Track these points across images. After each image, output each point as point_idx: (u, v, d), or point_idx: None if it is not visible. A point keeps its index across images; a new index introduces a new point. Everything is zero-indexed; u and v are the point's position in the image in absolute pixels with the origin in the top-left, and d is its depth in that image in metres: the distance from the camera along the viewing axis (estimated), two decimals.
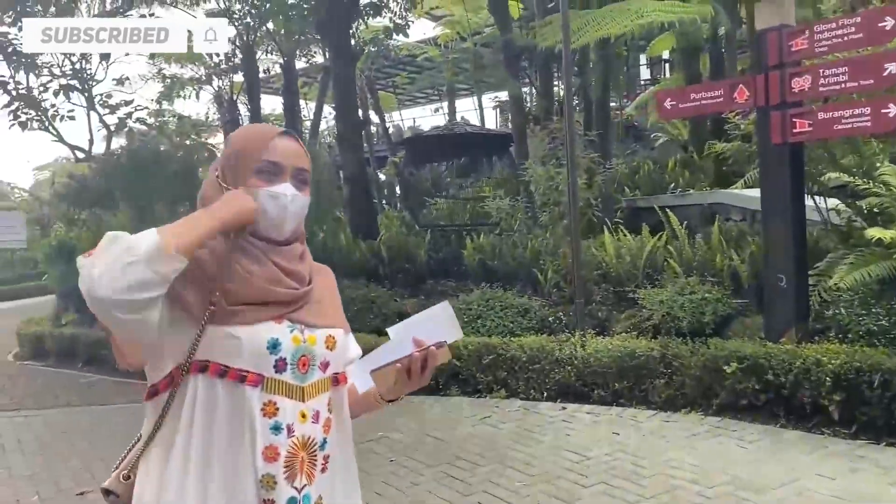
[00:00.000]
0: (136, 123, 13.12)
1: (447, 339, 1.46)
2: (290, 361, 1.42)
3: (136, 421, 5.29)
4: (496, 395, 6.33)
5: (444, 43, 23.10)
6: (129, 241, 1.27)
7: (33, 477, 5.30)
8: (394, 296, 8.62)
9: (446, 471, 4.67)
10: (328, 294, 1.57)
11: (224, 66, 17.49)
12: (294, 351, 1.42)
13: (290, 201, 1.46)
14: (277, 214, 1.45)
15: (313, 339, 1.46)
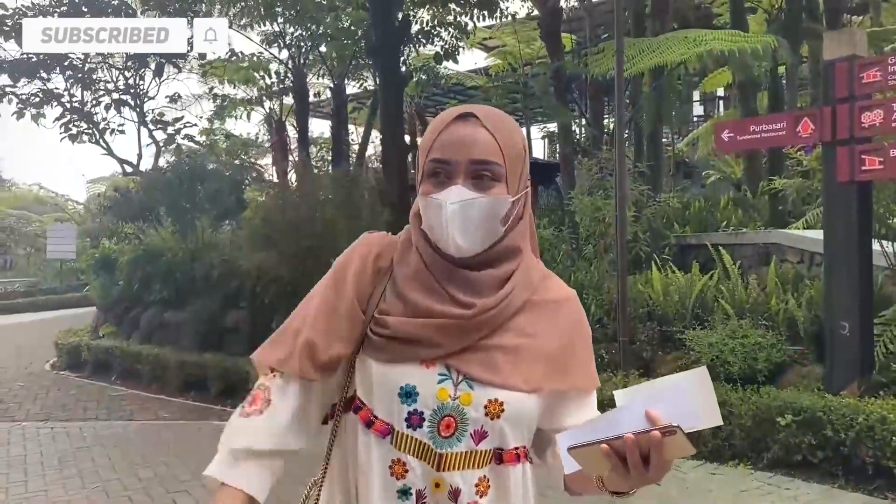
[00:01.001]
0: (185, 140, 13.26)
1: (693, 423, 0.99)
2: (427, 418, 1.12)
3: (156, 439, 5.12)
4: None
5: (494, 73, 23.09)
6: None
7: (48, 493, 5.15)
8: None
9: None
10: (540, 343, 1.15)
11: (276, 88, 17.70)
12: (437, 407, 1.12)
13: (454, 209, 1.12)
14: (438, 226, 1.14)
15: (468, 398, 1.12)
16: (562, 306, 1.20)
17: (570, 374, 1.17)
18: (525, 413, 1.14)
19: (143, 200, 11.03)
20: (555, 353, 1.16)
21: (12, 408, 8.56)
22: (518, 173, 1.17)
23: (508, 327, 1.14)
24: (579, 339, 1.20)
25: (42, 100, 11.94)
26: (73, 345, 11.24)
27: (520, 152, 1.18)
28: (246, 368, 8.15)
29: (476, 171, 1.13)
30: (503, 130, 1.15)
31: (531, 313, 1.16)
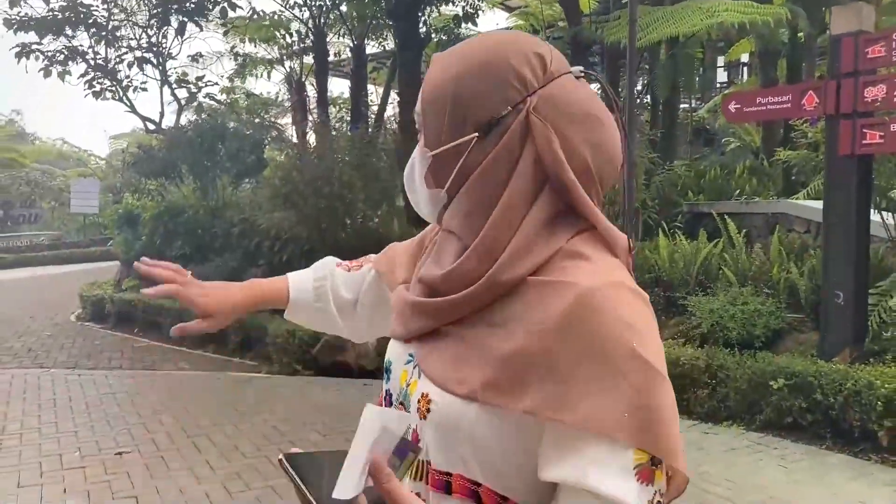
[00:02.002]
0: (206, 99, 13.44)
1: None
2: (393, 401, 0.98)
3: (178, 388, 5.47)
4: None
5: None
6: None
7: (77, 434, 5.49)
8: None
9: None
10: (504, 335, 0.83)
11: (296, 47, 17.75)
12: (398, 391, 0.97)
13: (407, 168, 1.01)
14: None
15: (414, 387, 0.92)
16: (564, 295, 0.80)
17: (535, 392, 0.78)
18: (457, 423, 0.84)
19: (165, 158, 11.27)
20: (520, 355, 0.80)
21: (41, 355, 8.95)
22: (437, 117, 0.92)
23: (482, 316, 0.87)
24: (584, 354, 0.77)
25: (67, 57, 12.14)
26: (97, 297, 11.61)
27: (442, 90, 0.91)
28: (264, 324, 8.45)
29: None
30: (431, 69, 0.96)
31: (518, 296, 0.85)
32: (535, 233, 0.87)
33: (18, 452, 5.10)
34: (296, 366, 7.56)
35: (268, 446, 5.12)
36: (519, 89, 0.88)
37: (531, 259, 0.86)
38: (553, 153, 0.86)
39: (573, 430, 0.76)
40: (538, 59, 0.90)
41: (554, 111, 0.88)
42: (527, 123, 0.88)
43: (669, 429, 0.76)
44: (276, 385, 7.01)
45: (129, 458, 4.91)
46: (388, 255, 1.23)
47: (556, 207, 0.88)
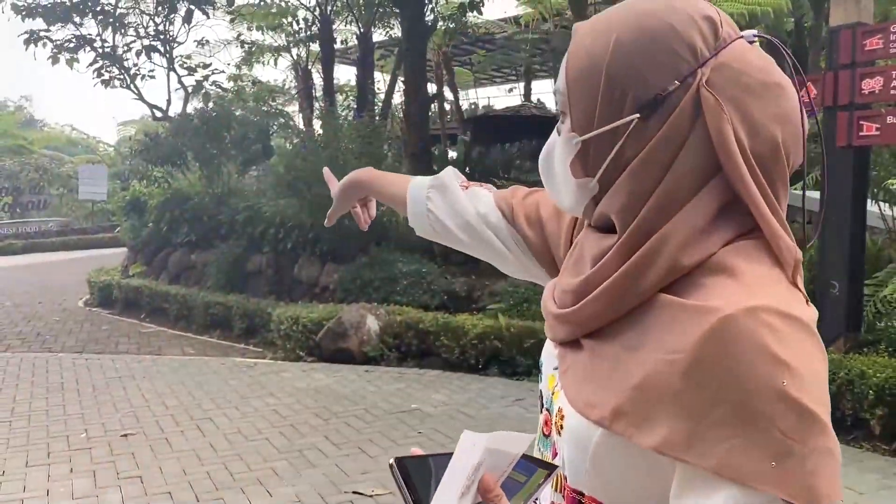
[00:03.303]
0: (213, 86, 13.50)
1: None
2: (543, 403, 0.95)
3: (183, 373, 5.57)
4: (534, 380, 6.32)
5: (525, 23, 22.86)
6: None
7: (84, 416, 5.60)
8: (444, 273, 8.68)
9: None
10: (638, 362, 0.75)
11: (303, 34, 17.76)
12: (547, 396, 0.93)
13: (542, 154, 0.92)
14: None
15: (557, 397, 0.87)
16: (700, 322, 0.70)
17: (663, 428, 0.71)
18: (585, 445, 0.80)
19: (171, 145, 11.35)
20: (651, 386, 0.73)
21: (49, 340, 9.09)
22: (587, 96, 0.81)
23: (617, 332, 0.79)
24: (721, 393, 0.68)
25: (76, 45, 12.22)
26: (104, 283, 11.74)
27: (593, 65, 0.80)
28: (268, 310, 8.56)
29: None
30: (575, 40, 0.85)
31: (651, 314, 0.77)
32: (690, 232, 0.76)
33: (27, 433, 5.22)
34: (299, 352, 7.66)
35: (270, 429, 5.22)
36: (688, 60, 0.76)
37: (674, 266, 0.76)
38: (726, 134, 0.74)
39: (704, 473, 0.69)
40: (708, 22, 0.77)
41: (730, 83, 0.75)
42: (697, 99, 0.75)
43: (827, 478, 0.67)
44: (279, 370, 7.10)
45: (134, 440, 5.02)
46: (526, 204, 1.14)
47: (722, 199, 0.77)
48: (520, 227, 1.14)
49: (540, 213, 1.12)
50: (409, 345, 7.32)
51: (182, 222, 11.10)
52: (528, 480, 0.74)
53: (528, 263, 1.15)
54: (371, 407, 5.70)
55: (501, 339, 6.69)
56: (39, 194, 26.53)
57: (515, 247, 1.15)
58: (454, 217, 1.19)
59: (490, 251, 1.18)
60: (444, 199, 1.21)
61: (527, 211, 1.14)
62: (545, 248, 1.11)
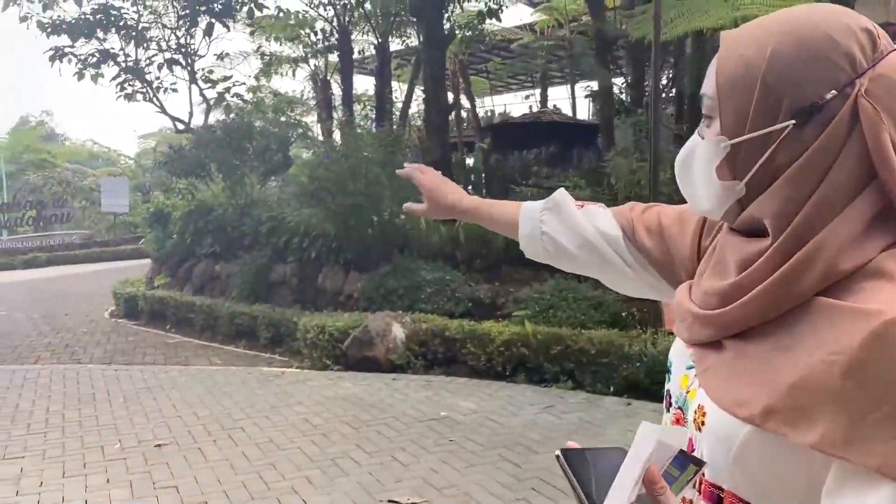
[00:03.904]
0: (234, 98, 13.62)
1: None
2: (672, 403, 0.98)
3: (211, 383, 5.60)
4: (562, 386, 6.32)
5: (540, 29, 22.89)
6: None
7: (117, 427, 5.65)
8: (468, 280, 8.68)
9: (503, 455, 4.70)
10: (793, 361, 0.76)
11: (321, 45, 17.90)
12: (678, 395, 0.96)
13: (681, 156, 0.95)
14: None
15: (693, 395, 0.91)
16: (862, 325, 0.72)
17: (822, 427, 0.73)
18: (730, 443, 0.81)
19: (195, 157, 11.46)
20: (809, 385, 0.74)
21: (78, 351, 9.18)
22: (740, 101, 0.83)
23: (768, 333, 0.81)
24: (885, 394, 0.70)
25: (99, 59, 12.39)
26: (130, 294, 11.85)
27: (749, 71, 0.82)
28: (293, 319, 8.60)
29: (704, 110, 0.91)
30: (727, 47, 0.87)
31: (806, 317, 0.78)
32: (846, 238, 0.77)
33: (62, 444, 5.27)
34: (326, 360, 7.68)
35: (300, 438, 5.23)
36: (846, 70, 0.78)
37: (832, 270, 0.77)
38: (884, 143, 0.76)
39: (864, 471, 0.71)
40: (866, 34, 0.80)
41: (887, 94, 0.77)
42: (855, 109, 0.77)
43: None
44: (306, 379, 7.13)
45: (167, 450, 5.06)
46: (646, 218, 1.16)
47: (878, 206, 0.78)
48: (640, 241, 1.16)
49: (661, 225, 1.14)
50: (436, 352, 7.32)
51: (206, 233, 11.19)
52: (681, 475, 0.77)
53: (647, 279, 1.17)
54: (400, 415, 5.71)
55: (528, 346, 6.67)
56: (62, 207, 26.84)
57: (635, 262, 1.17)
58: (571, 236, 1.22)
59: (609, 268, 1.20)
60: (560, 219, 1.24)
61: (647, 224, 1.16)
62: (668, 258, 1.12)
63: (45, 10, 12.18)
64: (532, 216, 1.27)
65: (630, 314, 7.02)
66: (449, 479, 4.33)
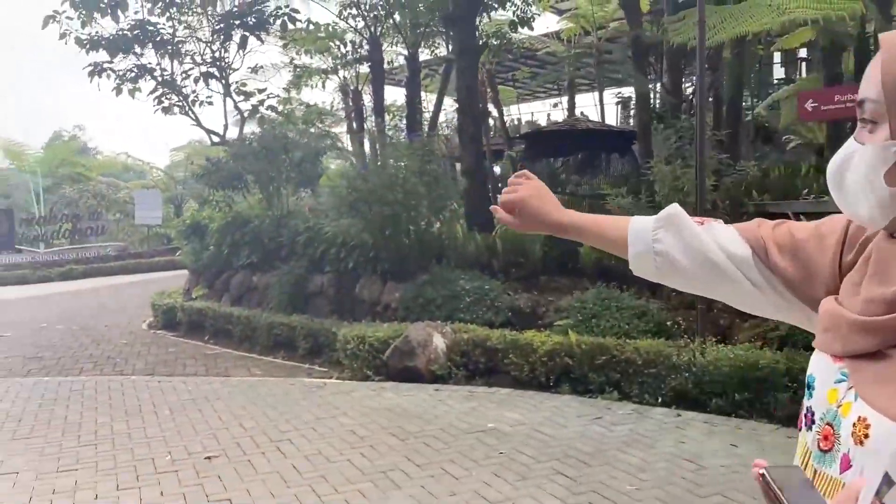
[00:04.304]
0: (268, 111, 13.74)
1: None
2: (816, 420, 0.94)
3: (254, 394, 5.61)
4: (608, 397, 6.24)
5: (567, 37, 22.85)
6: None
7: (165, 439, 5.68)
8: (507, 289, 8.63)
9: (556, 468, 4.65)
10: None
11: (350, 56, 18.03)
12: (825, 410, 0.92)
13: (836, 164, 0.94)
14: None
15: (847, 408, 0.88)
16: None
17: None
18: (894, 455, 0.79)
19: (232, 169, 11.56)
20: None
21: (119, 363, 9.27)
22: None
23: None
24: None
25: (137, 74, 12.57)
26: (168, 306, 11.96)
27: None
28: (332, 330, 8.61)
29: (859, 117, 0.90)
30: (889, 52, 0.85)
31: None
32: None
33: (113, 456, 5.31)
34: (366, 371, 7.67)
35: (349, 450, 5.22)
36: None
37: None
38: None
39: None
40: None
41: None
42: None
43: None
44: (349, 390, 7.12)
45: (217, 462, 5.07)
46: (777, 235, 1.11)
47: None
48: (773, 260, 1.10)
49: (795, 241, 1.09)
50: (477, 363, 7.27)
51: (243, 245, 11.26)
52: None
53: (774, 299, 1.12)
54: (447, 426, 5.67)
55: (572, 356, 6.60)
56: (97, 220, 27.24)
57: (764, 282, 1.11)
58: (692, 255, 1.16)
59: (731, 288, 1.15)
60: (679, 237, 1.18)
61: (779, 241, 1.10)
62: (804, 275, 1.07)
63: (83, 26, 12.37)
64: (643, 234, 1.21)
65: (676, 323, 6.92)
66: (503, 493, 4.28)
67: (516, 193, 1.34)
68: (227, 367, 8.90)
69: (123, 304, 15.45)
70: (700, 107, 6.10)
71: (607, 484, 4.34)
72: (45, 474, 4.96)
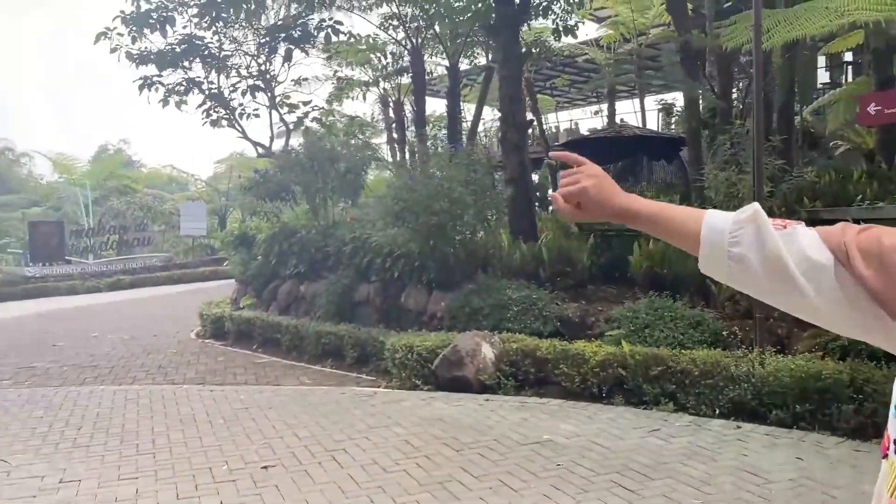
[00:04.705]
0: (313, 123, 13.90)
1: None
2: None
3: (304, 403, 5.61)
4: (663, 409, 6.13)
5: (606, 44, 22.75)
6: None
7: (221, 449, 5.72)
8: (555, 299, 8.56)
9: (616, 481, 4.57)
10: None
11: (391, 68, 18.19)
12: None
13: None
14: None
15: None
16: None
17: None
18: None
19: (279, 180, 11.71)
20: None
21: (171, 372, 9.40)
22: None
23: None
24: None
25: (186, 88, 12.82)
26: (216, 315, 12.11)
27: None
28: (380, 339, 8.63)
29: None
30: None
31: None
32: None
33: (171, 465, 5.36)
34: (415, 380, 7.66)
35: (405, 460, 5.20)
36: None
37: None
38: None
39: None
40: None
41: None
42: None
43: None
44: (399, 399, 7.12)
45: (274, 472, 5.09)
46: (862, 240, 1.02)
47: None
48: (857, 268, 1.00)
49: (883, 248, 0.99)
50: (527, 373, 7.21)
51: (290, 255, 11.37)
52: None
53: (859, 316, 1.02)
54: (501, 437, 5.63)
55: (625, 366, 6.51)
56: (143, 231, 27.82)
57: (847, 294, 1.02)
58: (770, 264, 1.06)
59: (812, 301, 1.04)
60: (759, 241, 1.07)
61: (864, 247, 1.01)
62: (891, 283, 0.98)
63: (133, 42, 12.66)
64: (719, 234, 1.10)
65: (732, 333, 6.79)
66: None
67: (578, 182, 1.26)
68: (277, 375, 8.97)
69: (171, 314, 15.71)
70: (757, 111, 5.99)
71: (670, 497, 4.26)
72: (106, 482, 5.04)
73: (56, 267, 25.04)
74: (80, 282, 23.79)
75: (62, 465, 5.43)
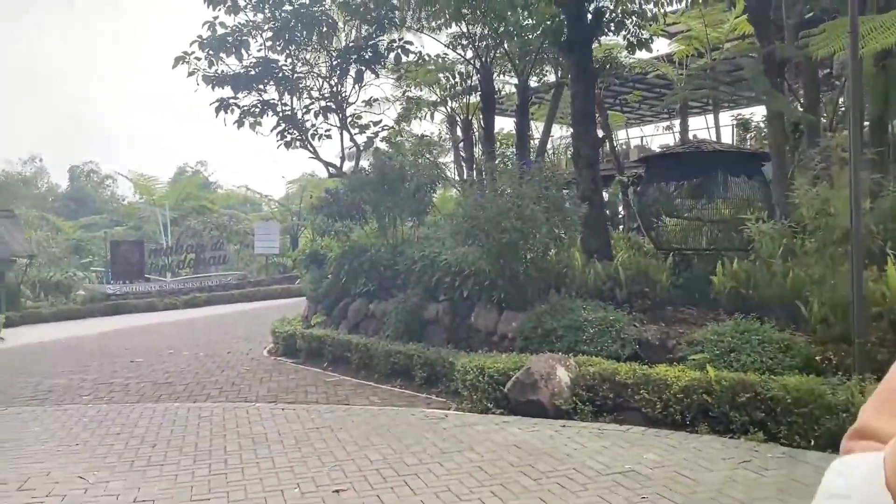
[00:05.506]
0: (382, 143, 13.96)
1: None
2: None
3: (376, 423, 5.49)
4: (753, 438, 5.77)
5: (679, 59, 22.25)
6: None
7: (293, 470, 5.65)
8: (633, 320, 8.24)
9: None
10: None
11: (460, 87, 18.19)
12: None
13: None
14: None
15: None
16: None
17: None
18: None
19: (351, 200, 11.76)
20: None
21: (244, 389, 9.46)
22: None
23: None
24: None
25: (261, 110, 13.06)
26: (288, 333, 12.20)
27: None
28: (449, 359, 8.47)
29: None
30: None
31: None
32: None
33: (243, 486, 5.31)
34: (486, 403, 7.46)
35: (479, 487, 5.01)
36: None
37: None
38: None
39: None
40: None
41: None
42: None
43: None
44: (471, 423, 6.93)
45: (346, 496, 4.98)
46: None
47: None
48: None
49: None
50: (605, 398, 6.92)
51: (360, 273, 11.37)
52: None
53: None
54: (580, 466, 5.37)
55: (710, 392, 6.16)
56: (219, 250, 28.55)
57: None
58: None
59: None
60: None
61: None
62: None
63: (210, 66, 12.99)
64: None
65: (826, 358, 6.36)
66: None
67: None
68: (347, 394, 8.91)
69: (244, 332, 15.95)
70: (854, 122, 5.61)
71: None
72: (179, 503, 5.01)
73: (136, 285, 25.88)
74: (158, 299, 24.52)
75: (137, 484, 5.44)
